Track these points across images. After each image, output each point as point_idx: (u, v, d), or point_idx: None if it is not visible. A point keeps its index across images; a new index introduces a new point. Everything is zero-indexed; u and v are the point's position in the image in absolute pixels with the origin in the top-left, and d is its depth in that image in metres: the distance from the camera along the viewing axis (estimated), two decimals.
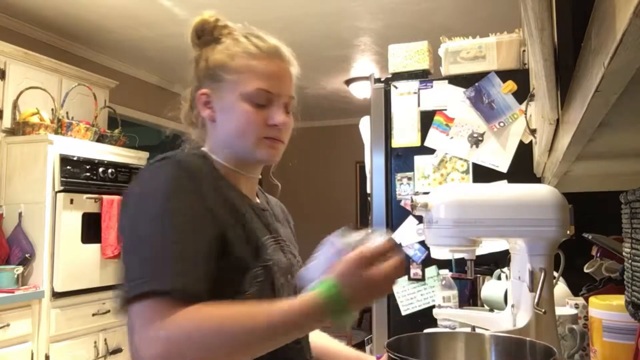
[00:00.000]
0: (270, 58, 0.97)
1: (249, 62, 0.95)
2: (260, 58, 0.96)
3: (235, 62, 0.96)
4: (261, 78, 0.95)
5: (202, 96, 0.98)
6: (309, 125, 6.70)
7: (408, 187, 2.11)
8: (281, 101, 0.97)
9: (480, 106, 2.04)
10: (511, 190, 1.08)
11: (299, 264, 1.03)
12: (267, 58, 0.96)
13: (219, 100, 0.97)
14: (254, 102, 0.94)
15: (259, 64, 0.95)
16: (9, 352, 2.72)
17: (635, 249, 0.88)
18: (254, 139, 0.95)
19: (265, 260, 0.91)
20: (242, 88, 0.94)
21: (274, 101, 0.96)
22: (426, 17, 3.59)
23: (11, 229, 3.04)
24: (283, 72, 0.98)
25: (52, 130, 3.18)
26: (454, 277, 1.75)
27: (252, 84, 0.94)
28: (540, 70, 0.72)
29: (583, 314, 1.33)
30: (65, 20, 3.65)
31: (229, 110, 0.96)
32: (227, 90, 0.96)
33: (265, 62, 0.96)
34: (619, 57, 0.39)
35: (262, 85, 0.94)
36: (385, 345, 0.80)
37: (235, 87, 0.95)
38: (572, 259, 1.35)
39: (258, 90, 0.94)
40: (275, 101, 0.96)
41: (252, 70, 0.95)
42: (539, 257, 1.02)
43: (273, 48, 0.98)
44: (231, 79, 0.95)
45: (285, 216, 1.15)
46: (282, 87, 0.97)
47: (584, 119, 0.58)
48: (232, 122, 0.96)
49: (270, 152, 0.97)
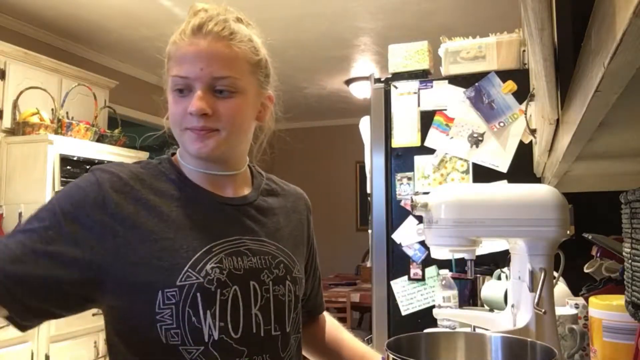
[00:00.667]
0: (191, 38, 0.85)
1: (171, 49, 0.88)
2: (181, 41, 0.86)
3: (167, 49, 0.89)
4: (177, 64, 0.86)
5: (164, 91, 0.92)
6: (309, 125, 6.70)
7: (408, 187, 2.11)
8: (203, 85, 0.84)
9: (480, 106, 2.04)
10: (511, 190, 1.08)
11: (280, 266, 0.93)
12: (188, 39, 0.85)
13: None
14: (176, 91, 0.86)
15: (176, 48, 0.86)
16: (9, 352, 2.72)
17: (635, 249, 0.88)
18: (177, 132, 0.88)
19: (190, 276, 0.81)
20: (168, 78, 0.88)
21: (193, 86, 0.85)
22: (426, 17, 3.59)
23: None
24: (200, 51, 0.84)
25: (52, 130, 3.18)
26: (454, 277, 1.75)
27: (171, 71, 0.87)
28: (540, 70, 0.72)
29: (583, 314, 1.33)
30: (65, 20, 3.65)
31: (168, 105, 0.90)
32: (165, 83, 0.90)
33: (184, 44, 0.85)
34: (619, 57, 0.39)
35: (176, 71, 0.85)
36: (385, 346, 0.80)
37: (167, 79, 0.89)
38: (572, 259, 1.35)
39: (173, 78, 0.86)
40: (194, 86, 0.84)
41: (172, 57, 0.87)
42: (539, 257, 1.02)
43: (195, 26, 0.86)
44: (165, 70, 0.90)
45: (299, 209, 1.06)
46: (201, 68, 0.84)
47: (584, 119, 0.58)
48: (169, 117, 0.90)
49: (195, 145, 0.86)
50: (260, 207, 0.96)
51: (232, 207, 0.92)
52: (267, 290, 0.89)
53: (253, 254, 0.89)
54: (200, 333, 0.81)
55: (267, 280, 0.89)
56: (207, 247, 0.85)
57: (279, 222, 0.98)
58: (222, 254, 0.85)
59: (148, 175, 0.88)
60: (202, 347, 0.81)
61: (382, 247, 2.11)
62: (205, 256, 0.84)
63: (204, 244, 0.85)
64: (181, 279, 0.81)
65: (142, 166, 0.91)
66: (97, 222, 0.80)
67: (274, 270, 0.91)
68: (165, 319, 0.80)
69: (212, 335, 0.81)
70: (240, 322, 0.84)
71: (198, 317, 0.81)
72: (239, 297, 0.85)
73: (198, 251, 0.84)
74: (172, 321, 0.80)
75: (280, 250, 0.95)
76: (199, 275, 0.82)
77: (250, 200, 0.95)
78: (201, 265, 0.83)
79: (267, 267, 0.90)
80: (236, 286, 0.85)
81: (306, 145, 6.64)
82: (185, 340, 0.80)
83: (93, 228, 0.80)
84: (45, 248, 0.77)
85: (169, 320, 0.80)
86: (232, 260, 0.86)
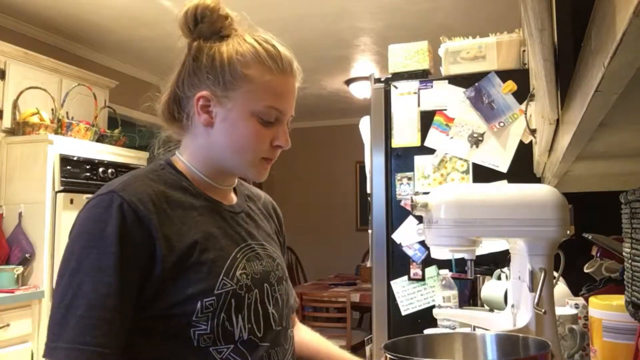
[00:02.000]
0: (285, 75, 0.90)
1: (264, 75, 0.88)
2: (275, 73, 0.89)
3: (248, 70, 0.87)
4: (275, 96, 0.89)
5: (202, 99, 0.89)
6: (309, 125, 6.70)
7: (408, 187, 2.11)
8: (288, 120, 0.92)
9: (480, 106, 2.04)
10: (511, 190, 1.08)
11: (279, 267, 0.99)
12: (282, 74, 0.89)
13: (222, 108, 0.89)
14: (264, 120, 0.88)
15: (275, 79, 0.89)
16: (9, 352, 2.72)
17: (635, 249, 0.88)
18: (252, 158, 0.90)
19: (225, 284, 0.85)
20: (253, 102, 0.88)
21: (282, 120, 0.91)
22: (426, 17, 3.59)
23: (11, 229, 3.04)
24: (293, 89, 0.92)
25: (52, 130, 3.18)
26: (454, 277, 1.75)
27: (266, 101, 0.88)
28: (540, 70, 0.72)
29: (583, 314, 1.33)
30: (65, 20, 3.65)
31: (233, 123, 0.88)
32: (235, 100, 0.88)
33: (281, 78, 0.89)
34: (619, 57, 0.39)
35: (275, 104, 0.88)
36: (382, 347, 0.81)
37: (246, 99, 0.88)
38: (572, 259, 1.34)
39: (270, 109, 0.88)
40: (282, 120, 0.91)
41: (267, 86, 0.88)
42: (539, 257, 1.02)
43: (288, 63, 0.91)
44: (242, 89, 0.88)
45: (269, 210, 1.10)
46: (290, 106, 0.92)
47: (584, 119, 0.58)
48: (233, 135, 0.89)
49: (263, 173, 0.93)
50: (250, 213, 1.01)
51: (235, 214, 0.96)
52: (275, 291, 0.95)
53: (261, 257, 0.95)
54: (231, 335, 0.85)
55: (273, 282, 0.95)
56: (233, 253, 0.89)
57: (264, 225, 1.03)
58: (244, 259, 0.90)
59: (167, 188, 0.88)
60: (232, 345, 0.85)
61: (382, 247, 2.11)
62: (234, 263, 0.88)
63: (230, 251, 0.89)
64: (218, 287, 0.84)
65: (154, 178, 0.88)
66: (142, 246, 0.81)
67: (276, 272, 0.97)
68: (201, 324, 0.82)
69: (242, 336, 0.86)
70: (261, 321, 0.90)
71: (231, 321, 0.85)
72: (258, 300, 0.90)
73: (227, 259, 0.88)
74: (207, 326, 0.83)
75: (275, 252, 1.00)
76: (232, 282, 0.86)
77: (242, 207, 1.00)
78: (232, 272, 0.87)
79: (272, 270, 0.96)
80: (257, 289, 0.90)
81: (306, 145, 6.64)
82: (216, 341, 0.84)
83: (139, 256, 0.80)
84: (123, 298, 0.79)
85: (204, 325, 0.83)
86: (252, 265, 0.91)
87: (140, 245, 0.80)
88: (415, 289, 2.06)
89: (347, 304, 3.95)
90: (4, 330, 2.69)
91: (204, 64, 0.89)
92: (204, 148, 0.92)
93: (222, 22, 0.90)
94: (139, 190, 0.83)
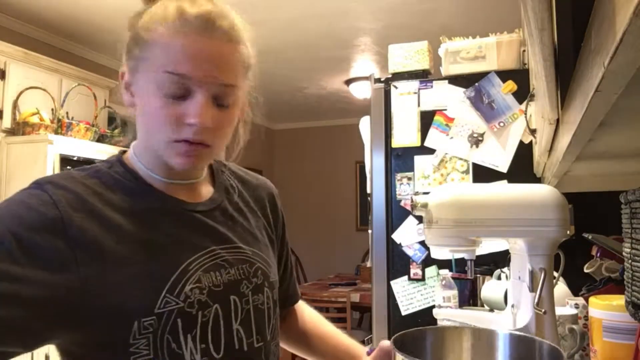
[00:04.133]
0: (196, 33, 0.71)
1: (166, 38, 0.71)
2: (181, 30, 0.71)
3: (152, 35, 0.73)
4: (177, 58, 0.71)
5: (122, 76, 0.78)
6: (309, 125, 6.70)
7: (408, 187, 2.11)
8: (207, 90, 0.73)
9: (480, 106, 2.05)
10: (511, 190, 1.08)
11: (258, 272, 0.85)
12: (192, 33, 0.71)
13: (136, 84, 0.76)
14: (165, 91, 0.72)
15: (177, 38, 0.71)
16: None
17: (635, 249, 0.88)
18: (162, 141, 0.74)
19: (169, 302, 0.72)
20: (154, 72, 0.72)
21: (195, 90, 0.72)
22: (426, 17, 3.59)
23: None
24: (212, 52, 0.72)
25: (52, 130, 3.18)
26: (454, 277, 1.75)
27: (165, 66, 0.71)
28: (540, 70, 0.72)
29: (583, 314, 1.33)
30: (65, 20, 3.65)
31: (141, 99, 0.75)
32: (142, 72, 0.74)
33: (188, 36, 0.71)
34: (619, 57, 0.39)
35: (176, 68, 0.71)
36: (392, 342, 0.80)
37: (149, 69, 0.73)
38: (572, 259, 1.35)
39: (170, 75, 0.71)
40: (196, 90, 0.72)
41: (168, 49, 0.71)
42: (539, 257, 1.02)
43: (202, 17, 0.72)
44: (144, 57, 0.73)
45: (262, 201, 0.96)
46: (208, 71, 0.72)
47: (584, 119, 0.58)
48: (143, 115, 0.75)
49: (185, 161, 0.75)
50: (227, 209, 0.87)
51: (201, 214, 0.82)
52: (247, 302, 0.82)
53: (230, 265, 0.81)
54: (181, 358, 0.73)
55: (246, 292, 0.82)
56: (183, 265, 0.75)
57: (248, 221, 0.90)
58: (200, 270, 0.77)
59: (103, 187, 0.76)
60: None
61: (382, 247, 2.11)
62: (183, 276, 0.75)
63: (180, 263, 0.75)
64: (159, 305, 0.72)
65: (92, 175, 0.77)
66: (58, 250, 0.67)
67: (253, 279, 0.84)
68: (141, 349, 0.71)
69: (194, 359, 0.74)
70: (222, 340, 0.78)
71: (178, 343, 0.73)
72: (219, 316, 0.78)
73: (174, 272, 0.74)
74: (149, 351, 0.71)
75: (255, 255, 0.87)
76: (178, 299, 0.73)
77: (217, 203, 0.86)
78: (179, 287, 0.74)
79: (245, 277, 0.83)
80: (217, 304, 0.77)
81: (306, 145, 6.64)
82: None
83: (53, 257, 0.66)
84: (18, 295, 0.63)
85: (145, 350, 0.71)
86: (211, 276, 0.78)
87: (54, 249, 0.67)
88: (415, 289, 2.06)
89: (347, 304, 3.95)
90: None
91: (128, 36, 0.78)
92: (140, 135, 0.80)
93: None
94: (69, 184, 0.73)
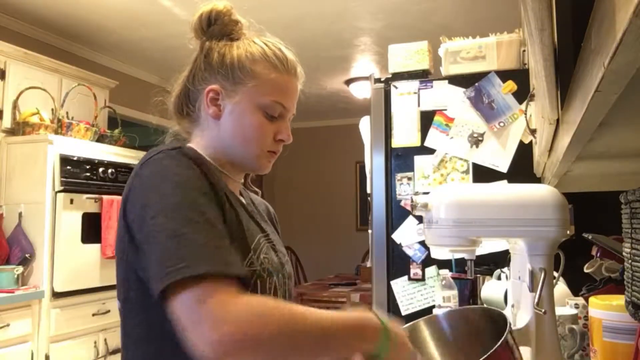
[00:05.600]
0: (290, 75, 0.98)
1: (270, 73, 0.95)
2: (281, 72, 0.96)
3: (256, 67, 0.94)
4: (280, 92, 0.95)
5: (211, 92, 0.95)
6: (309, 125, 6.70)
7: (408, 187, 2.11)
8: (290, 117, 0.99)
9: (480, 106, 2.05)
10: (511, 190, 1.08)
11: (288, 263, 1.04)
12: (287, 74, 0.97)
13: (230, 101, 0.95)
14: (268, 114, 0.95)
15: (280, 77, 0.96)
16: (9, 352, 2.72)
17: (635, 249, 0.88)
18: (258, 150, 0.96)
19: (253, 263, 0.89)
20: (259, 96, 0.94)
21: (285, 116, 0.98)
22: (426, 17, 3.59)
23: (11, 229, 3.04)
24: (296, 89, 1.00)
25: (52, 130, 3.18)
26: (454, 277, 1.75)
27: (272, 96, 0.94)
28: (540, 70, 0.72)
29: (583, 314, 1.33)
30: (65, 20, 3.65)
31: (239, 115, 0.94)
32: (243, 94, 0.94)
33: (285, 77, 0.97)
34: (619, 57, 0.39)
35: (280, 99, 0.95)
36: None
37: (253, 94, 0.94)
38: (572, 259, 1.35)
39: (275, 104, 0.95)
40: (285, 116, 0.98)
41: (273, 82, 0.95)
42: (539, 257, 1.03)
43: (293, 65, 0.99)
44: (250, 84, 0.94)
45: (270, 216, 1.15)
46: (293, 104, 0.99)
47: (584, 119, 0.58)
48: (239, 127, 0.95)
49: (267, 166, 1.00)
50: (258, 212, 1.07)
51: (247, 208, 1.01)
52: (285, 283, 0.99)
53: (276, 249, 1.00)
54: None
55: (286, 274, 1.00)
56: (259, 236, 0.94)
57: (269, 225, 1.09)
58: (267, 245, 0.96)
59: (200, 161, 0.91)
60: None
61: (382, 247, 2.11)
62: (259, 245, 0.93)
63: (257, 234, 0.94)
64: (246, 264, 0.87)
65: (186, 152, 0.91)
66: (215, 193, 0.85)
67: (286, 266, 1.02)
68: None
69: None
70: None
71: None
72: (276, 287, 0.94)
73: (253, 240, 0.92)
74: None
75: (281, 246, 1.05)
76: (257, 262, 0.90)
77: (248, 203, 1.05)
78: (258, 253, 0.91)
79: (285, 263, 1.01)
80: (275, 277, 0.94)
81: (306, 145, 6.64)
82: None
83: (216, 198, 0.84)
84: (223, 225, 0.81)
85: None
86: (270, 252, 0.96)
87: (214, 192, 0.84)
88: (415, 289, 2.06)
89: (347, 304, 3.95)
90: (3, 330, 2.69)
91: (215, 61, 0.96)
92: (213, 139, 0.97)
93: (233, 26, 0.98)
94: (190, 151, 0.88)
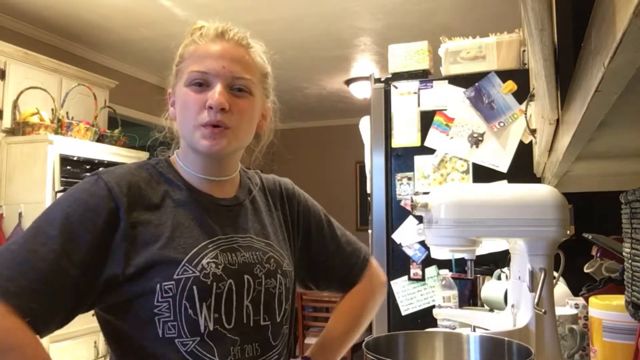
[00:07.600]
0: (212, 41, 0.93)
1: (189, 49, 0.94)
2: (200, 43, 0.93)
3: (181, 51, 0.95)
4: (198, 60, 0.91)
5: (168, 96, 0.98)
6: (309, 125, 6.70)
7: (408, 187, 2.11)
8: (222, 81, 0.90)
9: (480, 106, 2.05)
10: (511, 190, 1.08)
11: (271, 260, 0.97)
12: (206, 40, 0.93)
13: (175, 95, 0.95)
14: (191, 86, 0.91)
15: (199, 47, 0.93)
16: None
17: (635, 249, 0.88)
18: (191, 126, 0.91)
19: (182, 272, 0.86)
20: (184, 75, 0.92)
21: (212, 82, 0.90)
22: (426, 17, 3.59)
23: (11, 229, 3.03)
24: (224, 51, 0.92)
25: (52, 130, 3.18)
26: (454, 277, 1.75)
27: (191, 67, 0.91)
28: (540, 70, 0.72)
29: (583, 314, 1.33)
30: (66, 20, 3.65)
31: (177, 101, 0.94)
32: (177, 84, 0.94)
33: (204, 45, 0.93)
34: (619, 57, 0.39)
35: (196, 67, 0.91)
36: (363, 345, 0.82)
37: (181, 75, 0.93)
38: (572, 259, 1.35)
39: (192, 73, 0.91)
40: (213, 82, 0.90)
41: (192, 55, 0.93)
42: (539, 257, 1.03)
43: (211, 31, 0.94)
44: (178, 70, 0.95)
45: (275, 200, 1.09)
46: (223, 66, 0.91)
47: (584, 119, 0.58)
48: (178, 114, 0.94)
49: (208, 142, 0.90)
50: (248, 207, 1.02)
51: (225, 207, 0.98)
52: (260, 284, 0.94)
53: (245, 250, 0.95)
54: (196, 324, 0.85)
55: (259, 274, 0.94)
56: (203, 244, 0.90)
57: (264, 220, 1.04)
58: (217, 250, 0.91)
59: (149, 178, 0.93)
60: (197, 338, 0.85)
61: (382, 247, 2.11)
62: (202, 252, 0.89)
63: (200, 241, 0.90)
64: (178, 272, 0.85)
65: (140, 166, 0.95)
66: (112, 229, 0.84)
67: (265, 264, 0.96)
68: (163, 311, 0.84)
69: (208, 326, 0.86)
70: (233, 313, 0.89)
71: (195, 310, 0.85)
72: (233, 290, 0.90)
73: (194, 247, 0.89)
74: (170, 313, 0.84)
75: (269, 246, 0.99)
76: (195, 269, 0.87)
77: (239, 200, 1.01)
78: (197, 260, 0.88)
79: (259, 262, 0.95)
80: (231, 280, 0.90)
81: (306, 145, 6.64)
82: (181, 332, 0.85)
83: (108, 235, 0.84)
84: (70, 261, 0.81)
85: (166, 313, 0.84)
86: (227, 255, 0.91)
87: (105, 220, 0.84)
88: (415, 289, 2.06)
89: None
90: None
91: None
92: (181, 140, 0.97)
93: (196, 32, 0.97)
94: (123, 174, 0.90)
